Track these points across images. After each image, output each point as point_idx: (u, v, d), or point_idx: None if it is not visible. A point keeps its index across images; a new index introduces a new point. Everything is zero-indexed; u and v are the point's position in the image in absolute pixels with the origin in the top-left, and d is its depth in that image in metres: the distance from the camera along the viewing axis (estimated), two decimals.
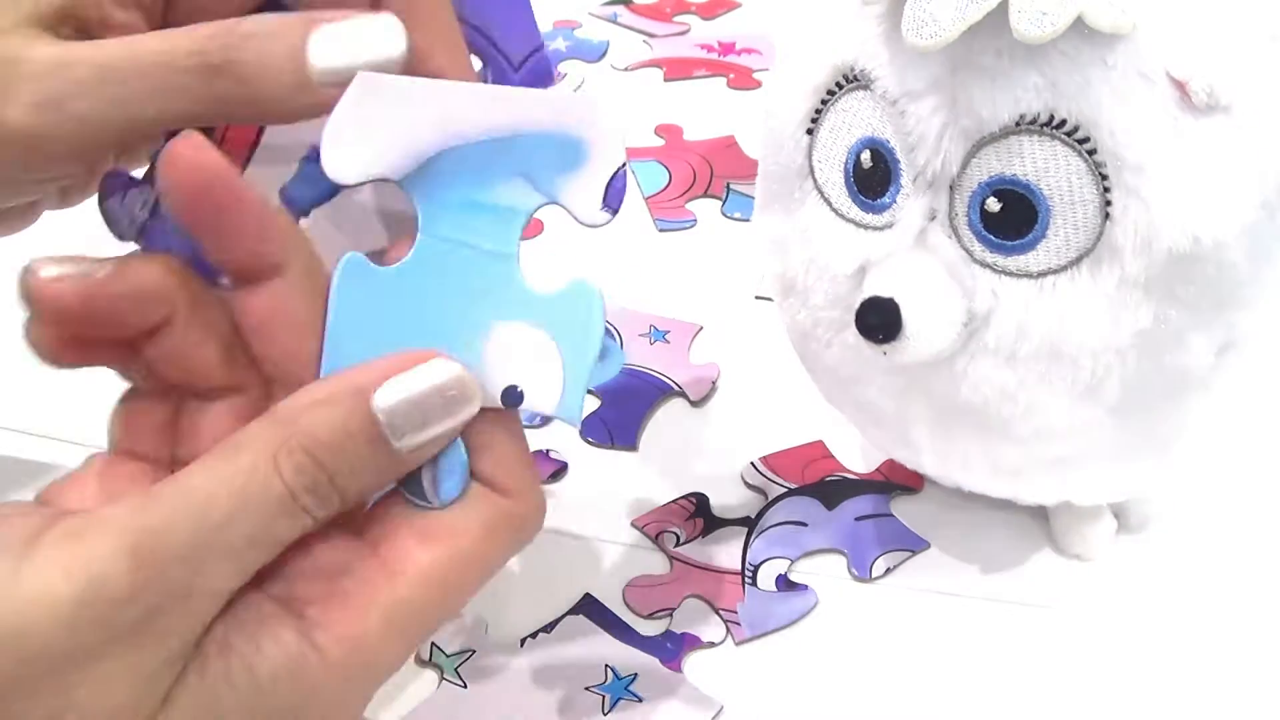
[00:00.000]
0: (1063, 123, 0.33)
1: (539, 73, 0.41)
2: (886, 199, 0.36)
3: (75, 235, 0.35)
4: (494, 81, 0.39)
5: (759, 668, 0.41)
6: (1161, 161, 0.32)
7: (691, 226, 0.60)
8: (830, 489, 0.46)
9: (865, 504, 0.46)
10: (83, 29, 0.32)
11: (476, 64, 0.40)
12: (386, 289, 0.31)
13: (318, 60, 0.30)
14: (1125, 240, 0.33)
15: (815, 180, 0.38)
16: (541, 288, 0.33)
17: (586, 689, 0.40)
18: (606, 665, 0.40)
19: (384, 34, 0.31)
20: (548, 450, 0.48)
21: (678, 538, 0.45)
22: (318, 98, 0.30)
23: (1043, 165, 0.33)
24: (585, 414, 0.49)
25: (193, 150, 0.28)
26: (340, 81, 0.30)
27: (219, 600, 0.27)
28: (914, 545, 0.44)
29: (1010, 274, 0.34)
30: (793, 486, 0.46)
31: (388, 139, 0.31)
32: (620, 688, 0.40)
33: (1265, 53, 0.33)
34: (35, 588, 0.25)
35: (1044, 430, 0.36)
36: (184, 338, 0.30)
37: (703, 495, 0.46)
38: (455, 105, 0.31)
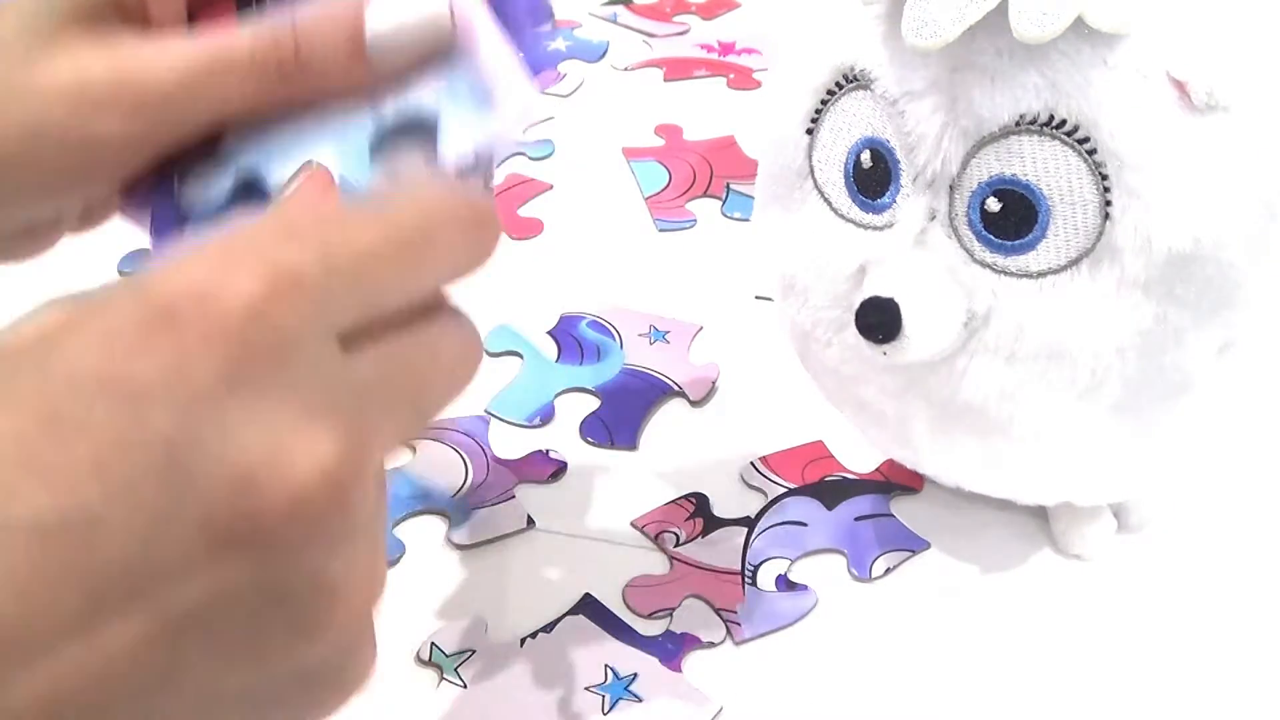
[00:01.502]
0: (1063, 123, 0.33)
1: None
2: (886, 199, 0.36)
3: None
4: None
5: (759, 668, 0.41)
6: (1161, 161, 0.32)
7: (691, 226, 0.60)
8: (830, 489, 0.46)
9: (865, 504, 0.46)
10: (125, 17, 0.32)
11: None
12: None
13: (376, 45, 0.30)
14: (1125, 240, 0.33)
15: (815, 180, 0.38)
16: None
17: (586, 689, 0.40)
18: (606, 665, 0.40)
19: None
20: (547, 450, 0.48)
21: (678, 538, 0.45)
22: (372, 76, 0.31)
23: (1043, 165, 0.33)
24: (585, 414, 0.50)
25: None
26: (393, 53, 0.31)
27: None
28: (914, 545, 0.44)
29: (1010, 274, 0.34)
30: (793, 486, 0.46)
31: None
32: (620, 688, 0.40)
33: (1265, 53, 0.33)
34: None
35: (1044, 430, 0.36)
36: None
37: (703, 495, 0.46)
38: None
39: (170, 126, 0.31)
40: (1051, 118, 0.33)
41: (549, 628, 0.42)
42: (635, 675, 0.40)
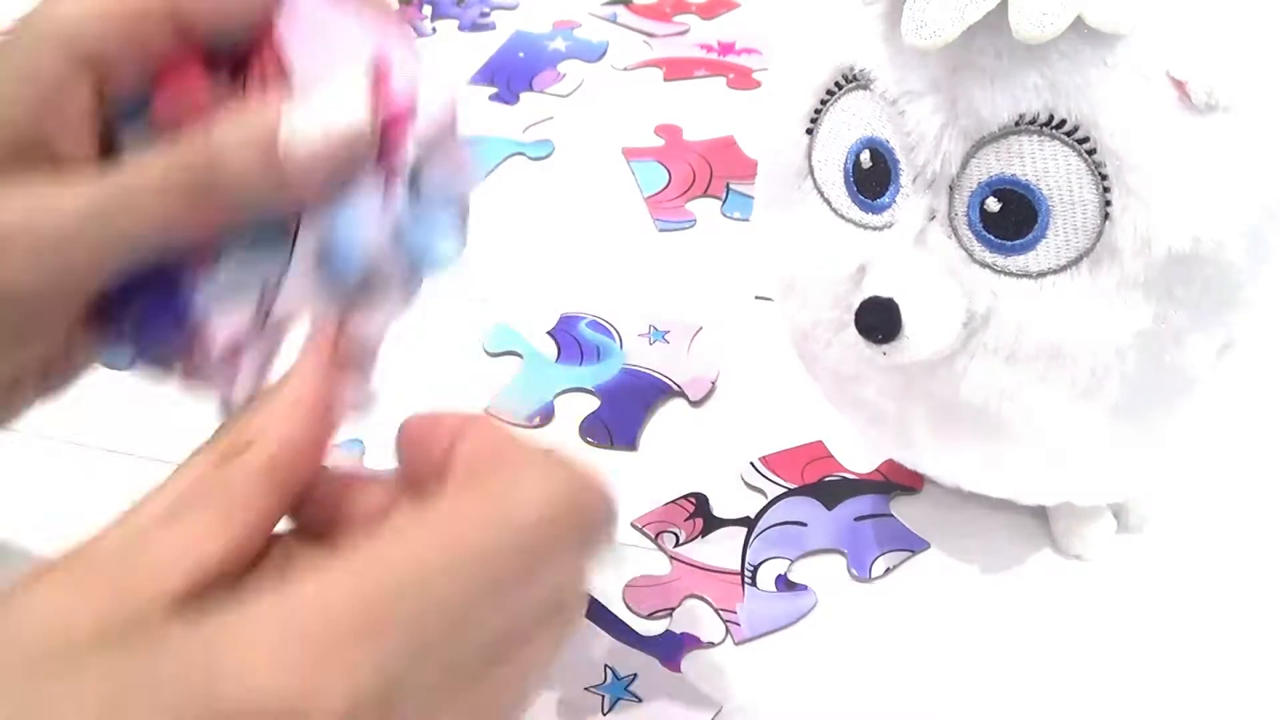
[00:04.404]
0: (1062, 123, 0.33)
1: None
2: (886, 199, 0.36)
3: None
4: None
5: (758, 668, 0.41)
6: (1161, 161, 0.32)
7: (691, 226, 0.60)
8: (830, 489, 0.46)
9: (865, 504, 0.46)
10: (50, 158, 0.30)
11: None
12: None
13: (293, 158, 0.29)
14: (1125, 240, 0.33)
15: (815, 180, 0.38)
16: None
17: (586, 689, 0.40)
18: (606, 665, 0.40)
19: (346, 103, 0.29)
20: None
21: (678, 538, 0.45)
22: (295, 194, 0.29)
23: (1042, 165, 0.33)
24: (585, 414, 0.50)
25: None
26: (315, 171, 0.29)
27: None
28: (914, 545, 0.44)
29: (1010, 274, 0.34)
30: (793, 486, 0.46)
31: None
32: (620, 688, 0.40)
33: (1265, 53, 0.33)
34: None
35: (1044, 430, 0.36)
36: None
37: (703, 495, 0.46)
38: None
39: (82, 268, 0.29)
40: (1051, 118, 0.33)
41: None
42: (635, 675, 0.40)
